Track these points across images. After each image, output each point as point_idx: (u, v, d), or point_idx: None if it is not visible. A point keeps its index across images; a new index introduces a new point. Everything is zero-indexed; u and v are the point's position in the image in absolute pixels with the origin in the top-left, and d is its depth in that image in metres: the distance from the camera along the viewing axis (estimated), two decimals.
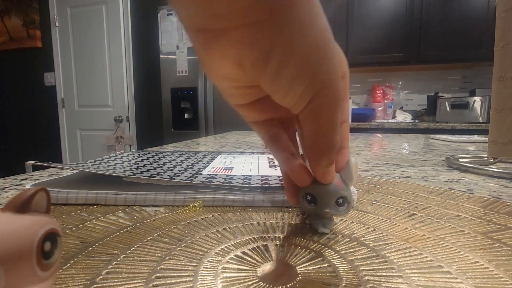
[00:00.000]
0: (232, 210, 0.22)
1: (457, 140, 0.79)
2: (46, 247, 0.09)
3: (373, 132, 1.87)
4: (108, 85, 2.48)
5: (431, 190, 0.27)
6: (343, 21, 2.09)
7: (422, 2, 1.98)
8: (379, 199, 0.25)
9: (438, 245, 0.16)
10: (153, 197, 0.23)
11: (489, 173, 0.35)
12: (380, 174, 0.36)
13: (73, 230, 0.18)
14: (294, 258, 0.15)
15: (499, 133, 0.35)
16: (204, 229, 0.18)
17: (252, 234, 0.18)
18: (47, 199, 0.10)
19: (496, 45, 0.35)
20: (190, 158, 0.38)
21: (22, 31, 2.56)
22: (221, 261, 0.14)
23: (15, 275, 0.08)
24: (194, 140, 0.82)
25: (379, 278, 0.13)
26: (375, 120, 2.22)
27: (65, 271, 0.13)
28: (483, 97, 1.88)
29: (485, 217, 0.20)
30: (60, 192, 0.23)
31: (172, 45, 1.97)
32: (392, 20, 2.04)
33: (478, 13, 1.90)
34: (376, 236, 0.17)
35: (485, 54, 1.90)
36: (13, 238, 0.08)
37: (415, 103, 2.37)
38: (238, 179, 0.26)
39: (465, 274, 0.13)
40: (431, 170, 0.39)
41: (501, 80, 0.35)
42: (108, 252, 0.15)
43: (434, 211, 0.22)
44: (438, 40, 1.98)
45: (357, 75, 2.44)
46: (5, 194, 0.26)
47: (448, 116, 2.00)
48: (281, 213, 0.21)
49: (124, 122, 2.51)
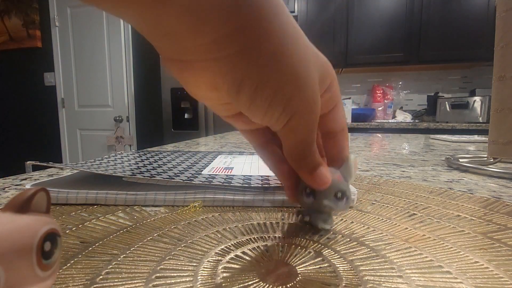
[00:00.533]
0: (232, 210, 0.22)
1: (457, 140, 0.79)
2: (46, 247, 0.09)
3: (373, 132, 1.87)
4: (108, 85, 2.48)
5: (431, 190, 0.27)
6: (343, 21, 2.09)
7: (422, 2, 1.98)
8: (379, 199, 0.24)
9: (438, 245, 0.16)
10: (153, 197, 0.23)
11: (489, 173, 0.35)
12: (380, 174, 0.36)
13: (73, 230, 0.18)
14: (294, 258, 0.15)
15: (499, 133, 0.35)
16: (204, 229, 0.18)
17: (252, 234, 0.18)
18: (47, 199, 0.10)
19: (496, 45, 0.35)
20: (190, 158, 0.38)
21: (22, 31, 2.56)
22: (221, 261, 0.14)
23: (15, 275, 0.08)
24: (194, 140, 0.82)
25: (379, 278, 0.13)
26: (375, 120, 2.22)
27: (65, 271, 0.13)
28: (483, 97, 1.88)
29: (485, 217, 0.20)
30: (60, 192, 0.23)
31: None
32: (392, 20, 2.04)
33: (478, 13, 1.90)
34: (376, 236, 0.17)
35: (485, 54, 1.91)
36: (13, 238, 0.08)
37: (415, 103, 2.37)
38: (238, 179, 0.26)
39: (465, 274, 0.13)
40: (431, 170, 0.39)
41: (501, 80, 0.35)
42: (108, 252, 0.15)
43: (434, 211, 0.22)
44: (438, 40, 1.98)
45: (357, 75, 2.44)
46: (5, 194, 0.26)
47: (448, 116, 2.00)
48: (281, 213, 0.21)
49: (124, 122, 2.51)
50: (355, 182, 0.30)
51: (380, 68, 2.21)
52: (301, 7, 2.14)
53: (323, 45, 2.12)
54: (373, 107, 2.26)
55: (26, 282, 0.08)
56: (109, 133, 2.53)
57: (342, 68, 2.16)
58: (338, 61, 2.12)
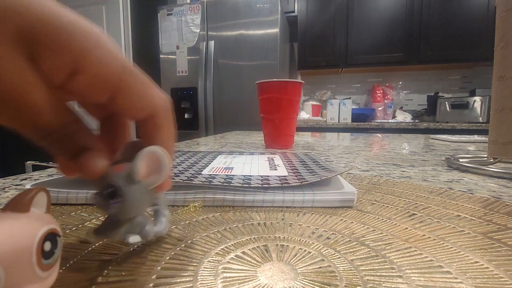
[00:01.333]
0: (232, 210, 0.22)
1: (457, 140, 0.79)
2: (46, 247, 0.09)
3: (373, 132, 1.87)
4: None
5: (431, 190, 0.27)
6: (343, 21, 2.09)
7: (422, 2, 1.98)
8: (379, 199, 0.24)
9: (438, 245, 0.16)
10: None
11: (489, 173, 0.35)
12: (380, 174, 0.36)
13: (73, 230, 0.18)
14: (294, 258, 0.15)
15: (499, 133, 0.35)
16: (204, 229, 0.18)
17: (252, 234, 0.18)
18: (47, 199, 0.10)
19: (496, 45, 0.35)
20: (190, 158, 0.38)
21: None
22: (221, 261, 0.14)
23: (15, 274, 0.08)
24: (194, 140, 0.82)
25: (379, 278, 0.13)
26: (375, 120, 2.22)
27: (65, 271, 0.13)
28: (483, 97, 1.88)
29: (485, 217, 0.20)
30: (60, 192, 0.23)
31: (172, 45, 1.97)
32: (392, 20, 2.04)
33: (478, 13, 1.90)
34: (376, 236, 0.17)
35: (485, 54, 1.91)
36: (13, 238, 0.08)
37: (415, 103, 2.37)
38: (238, 179, 0.26)
39: (465, 274, 0.13)
40: (431, 170, 0.39)
41: (501, 80, 0.35)
42: (108, 252, 0.15)
43: (434, 211, 0.22)
44: (438, 40, 1.98)
45: (357, 75, 2.44)
46: (5, 194, 0.26)
47: (448, 116, 2.00)
48: (281, 213, 0.21)
49: None
50: (355, 182, 0.30)
51: (380, 68, 2.21)
52: (301, 7, 2.14)
53: (323, 45, 2.12)
54: (373, 107, 2.26)
55: (26, 282, 0.08)
56: None
57: (342, 68, 2.16)
58: (338, 61, 2.12)
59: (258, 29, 1.76)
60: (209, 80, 1.87)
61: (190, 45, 1.92)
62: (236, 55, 1.83)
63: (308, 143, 0.74)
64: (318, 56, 2.14)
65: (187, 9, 1.89)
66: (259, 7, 1.75)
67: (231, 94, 1.88)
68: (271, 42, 1.75)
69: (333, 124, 2.01)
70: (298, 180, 0.25)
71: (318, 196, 0.23)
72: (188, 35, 1.91)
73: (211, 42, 1.84)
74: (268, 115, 0.59)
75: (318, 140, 0.84)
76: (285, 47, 2.02)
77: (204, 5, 1.86)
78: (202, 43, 1.85)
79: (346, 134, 1.15)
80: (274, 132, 0.60)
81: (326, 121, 2.07)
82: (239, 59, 1.83)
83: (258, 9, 1.75)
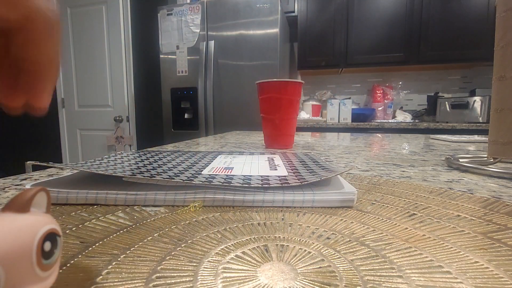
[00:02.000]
0: (232, 210, 0.22)
1: (457, 140, 0.79)
2: (46, 247, 0.09)
3: (373, 132, 1.87)
4: (108, 85, 2.48)
5: (431, 190, 0.27)
6: (343, 21, 2.09)
7: (422, 2, 1.98)
8: (379, 199, 0.24)
9: (438, 245, 0.16)
10: (153, 197, 0.23)
11: (489, 173, 0.35)
12: (380, 174, 0.36)
13: (73, 230, 0.18)
14: (294, 258, 0.15)
15: (499, 133, 0.35)
16: (204, 229, 0.18)
17: (252, 234, 0.18)
18: (47, 199, 0.10)
19: (496, 45, 0.35)
20: (190, 158, 0.38)
21: None
22: (221, 261, 0.14)
23: (15, 275, 0.08)
24: (194, 140, 0.82)
25: (379, 278, 0.13)
26: (375, 120, 2.22)
27: (65, 271, 0.13)
28: (483, 97, 1.88)
29: (485, 217, 0.20)
30: (60, 192, 0.23)
31: (172, 45, 1.97)
32: (392, 20, 2.04)
33: (478, 13, 1.90)
34: (376, 236, 0.17)
35: (485, 54, 1.91)
36: (13, 238, 0.08)
37: (415, 103, 2.38)
38: (238, 179, 0.26)
39: (465, 274, 0.13)
40: (431, 170, 0.39)
41: (501, 80, 0.35)
42: (108, 252, 0.15)
43: (434, 211, 0.22)
44: (438, 40, 1.98)
45: (357, 75, 2.45)
46: (5, 194, 0.26)
47: (448, 116, 2.00)
48: (281, 213, 0.21)
49: (124, 122, 2.50)
50: (355, 182, 0.30)
51: (380, 68, 2.21)
52: (301, 7, 2.14)
53: (323, 45, 2.12)
54: (373, 107, 2.26)
55: (26, 282, 0.08)
56: (109, 133, 2.53)
57: (342, 68, 2.16)
58: (338, 61, 2.12)
59: (258, 29, 1.77)
60: (209, 80, 1.87)
61: (190, 45, 1.92)
62: (236, 55, 1.83)
63: (308, 143, 0.74)
64: (318, 56, 2.14)
65: (187, 9, 1.89)
66: (259, 7, 1.75)
67: (231, 94, 1.88)
68: (271, 42, 1.75)
69: (333, 124, 2.01)
70: (298, 180, 0.25)
71: (318, 196, 0.23)
72: (188, 35, 1.91)
73: (211, 42, 1.84)
74: (268, 115, 0.59)
75: (318, 140, 0.84)
76: (285, 47, 2.02)
77: (204, 5, 1.86)
78: (202, 43, 1.85)
79: (346, 134, 1.15)
80: (274, 132, 0.60)
81: (326, 121, 2.07)
82: (239, 59, 1.83)
83: (258, 9, 1.75)
